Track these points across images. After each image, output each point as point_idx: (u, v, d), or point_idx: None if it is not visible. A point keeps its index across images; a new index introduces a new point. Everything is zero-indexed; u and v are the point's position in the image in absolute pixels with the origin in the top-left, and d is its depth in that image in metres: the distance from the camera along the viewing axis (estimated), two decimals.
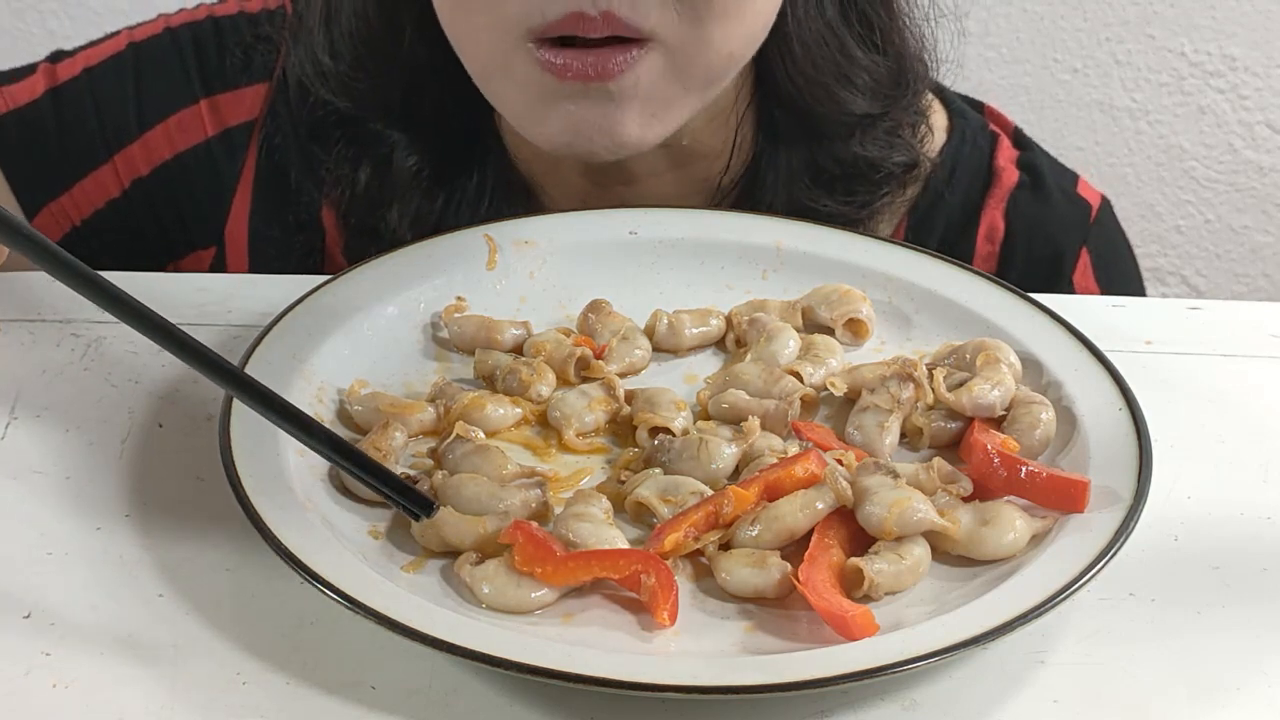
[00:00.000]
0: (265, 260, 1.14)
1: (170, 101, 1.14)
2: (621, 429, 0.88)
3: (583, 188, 1.09)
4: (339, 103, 1.08)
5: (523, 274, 0.98)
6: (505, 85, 0.98)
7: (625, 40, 0.94)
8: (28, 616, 0.76)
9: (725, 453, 0.84)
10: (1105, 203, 1.16)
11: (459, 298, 0.95)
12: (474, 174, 1.09)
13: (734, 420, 0.87)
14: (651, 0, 0.92)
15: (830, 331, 0.95)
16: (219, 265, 1.15)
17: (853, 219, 1.08)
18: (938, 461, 0.82)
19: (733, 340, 0.95)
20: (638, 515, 0.81)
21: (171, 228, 1.15)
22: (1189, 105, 2.05)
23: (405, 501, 0.79)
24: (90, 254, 1.12)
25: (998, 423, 0.86)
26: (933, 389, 0.87)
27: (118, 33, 1.17)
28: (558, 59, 0.94)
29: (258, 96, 1.14)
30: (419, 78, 1.06)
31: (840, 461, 0.82)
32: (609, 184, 1.08)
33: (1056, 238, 1.13)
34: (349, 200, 1.10)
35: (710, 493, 0.81)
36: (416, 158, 1.08)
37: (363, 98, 1.08)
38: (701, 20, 0.94)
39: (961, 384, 0.87)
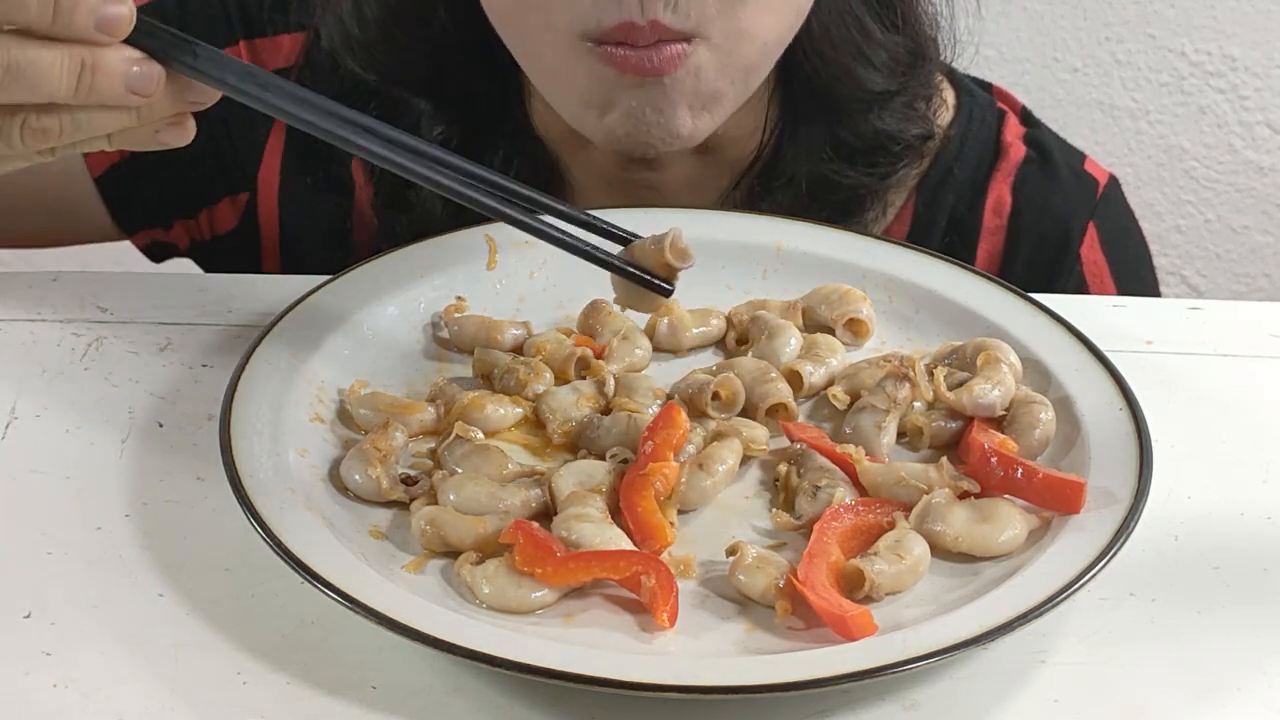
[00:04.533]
0: (295, 208, 1.15)
1: (211, 41, 1.15)
2: None
3: (613, 173, 1.10)
4: (366, 76, 1.09)
5: (523, 274, 0.98)
6: (563, 82, 1.01)
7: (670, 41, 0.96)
8: (28, 616, 0.76)
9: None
10: (1113, 180, 1.17)
11: (459, 298, 0.95)
12: (500, 148, 1.10)
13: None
14: (691, 3, 0.95)
15: (830, 331, 0.95)
16: (250, 212, 1.17)
17: (873, 190, 1.10)
18: (944, 462, 0.82)
19: (733, 339, 0.95)
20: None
21: (210, 168, 1.17)
22: (1189, 105, 2.05)
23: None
24: (132, 191, 1.14)
25: (998, 423, 0.86)
26: (933, 388, 0.87)
27: None
28: (617, 50, 0.96)
29: (295, 45, 1.16)
30: (447, 51, 1.08)
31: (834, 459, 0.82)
32: (635, 167, 1.09)
33: (1063, 212, 1.14)
34: (378, 168, 1.11)
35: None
36: (443, 127, 1.09)
37: (389, 70, 1.09)
38: (737, 14, 0.97)
39: (962, 384, 0.87)
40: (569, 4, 0.96)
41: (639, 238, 0.87)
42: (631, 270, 0.86)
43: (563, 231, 0.86)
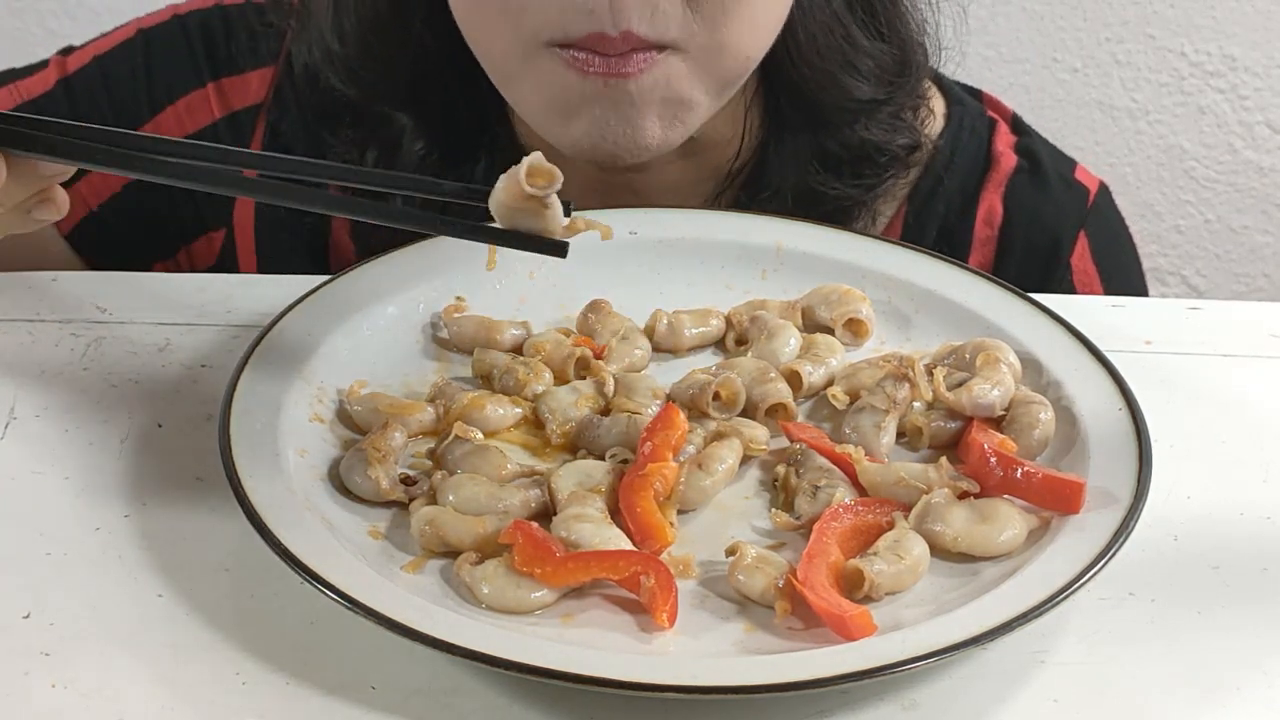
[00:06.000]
0: (272, 243, 1.15)
1: (179, 85, 1.16)
2: None
3: (593, 176, 1.10)
4: (346, 90, 1.09)
5: (523, 274, 0.97)
6: (527, 88, 1.00)
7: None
8: (27, 617, 0.76)
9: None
10: (1103, 188, 1.17)
11: (459, 298, 0.95)
12: (481, 161, 1.09)
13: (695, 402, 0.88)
14: (670, 15, 0.94)
15: (830, 331, 0.95)
16: (229, 247, 1.16)
17: (859, 201, 1.10)
18: (944, 462, 0.82)
19: (733, 339, 0.95)
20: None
21: (183, 210, 1.16)
22: (1189, 105, 2.05)
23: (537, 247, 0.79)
24: (108, 239, 1.15)
25: (997, 423, 0.86)
26: (933, 388, 0.87)
27: (128, 23, 1.18)
28: (581, 54, 0.95)
29: (264, 81, 1.15)
30: (427, 64, 1.07)
31: (835, 459, 0.82)
32: (618, 173, 1.09)
33: (1054, 222, 1.14)
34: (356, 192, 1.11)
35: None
36: (424, 142, 1.09)
37: (370, 85, 1.08)
38: (719, 28, 0.96)
39: (961, 384, 0.87)
40: (535, 13, 0.95)
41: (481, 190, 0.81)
42: (516, 236, 0.80)
43: (419, 216, 0.85)
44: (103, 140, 0.83)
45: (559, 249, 0.79)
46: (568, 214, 0.80)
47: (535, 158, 0.78)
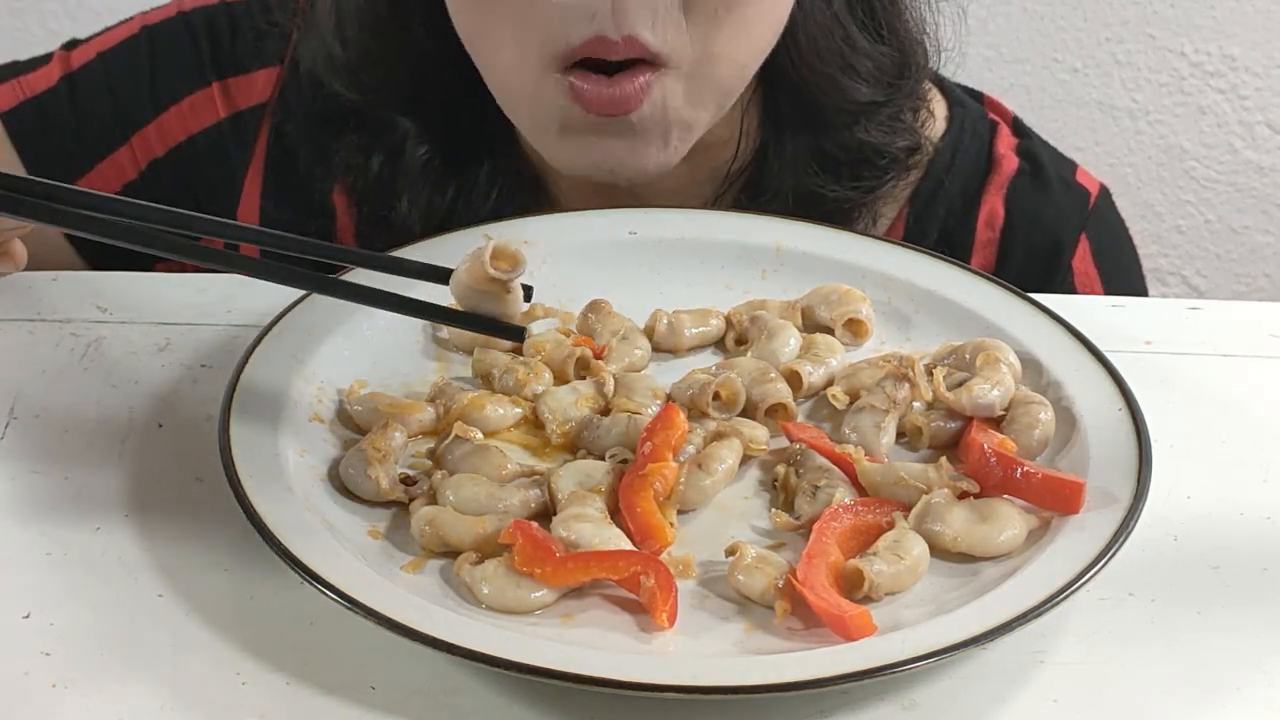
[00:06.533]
0: None
1: (183, 84, 1.16)
2: None
3: (591, 180, 1.10)
4: (348, 95, 1.09)
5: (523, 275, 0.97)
6: (529, 110, 1.00)
7: (641, 62, 0.95)
8: (27, 616, 0.76)
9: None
10: (1104, 190, 1.17)
11: None
12: (484, 164, 1.10)
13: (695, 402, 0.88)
14: (670, 22, 0.94)
15: (830, 331, 0.95)
16: (230, 248, 1.16)
17: (859, 203, 1.10)
18: (944, 462, 0.82)
19: (733, 339, 0.95)
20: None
21: (186, 209, 1.16)
22: (1189, 105, 2.05)
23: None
24: (108, 247, 1.15)
25: (997, 423, 0.86)
26: (933, 388, 0.87)
27: (132, 18, 1.18)
28: (585, 84, 0.95)
29: (269, 80, 1.15)
30: (428, 68, 1.07)
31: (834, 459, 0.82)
32: None
33: (1056, 224, 1.14)
34: (361, 188, 1.12)
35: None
36: (427, 147, 1.09)
37: (372, 90, 1.08)
38: (710, 39, 0.96)
39: (961, 384, 0.87)
40: (538, 22, 0.95)
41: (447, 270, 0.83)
42: (474, 319, 0.83)
43: (381, 294, 0.85)
44: (70, 201, 0.83)
45: (516, 334, 0.82)
46: (529, 299, 0.83)
47: (501, 241, 0.79)
